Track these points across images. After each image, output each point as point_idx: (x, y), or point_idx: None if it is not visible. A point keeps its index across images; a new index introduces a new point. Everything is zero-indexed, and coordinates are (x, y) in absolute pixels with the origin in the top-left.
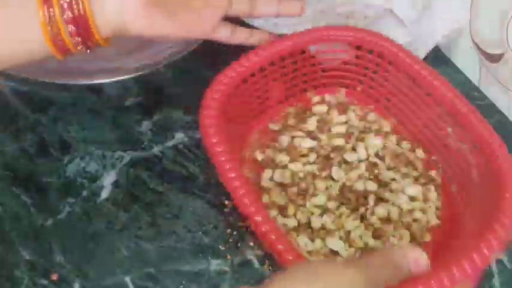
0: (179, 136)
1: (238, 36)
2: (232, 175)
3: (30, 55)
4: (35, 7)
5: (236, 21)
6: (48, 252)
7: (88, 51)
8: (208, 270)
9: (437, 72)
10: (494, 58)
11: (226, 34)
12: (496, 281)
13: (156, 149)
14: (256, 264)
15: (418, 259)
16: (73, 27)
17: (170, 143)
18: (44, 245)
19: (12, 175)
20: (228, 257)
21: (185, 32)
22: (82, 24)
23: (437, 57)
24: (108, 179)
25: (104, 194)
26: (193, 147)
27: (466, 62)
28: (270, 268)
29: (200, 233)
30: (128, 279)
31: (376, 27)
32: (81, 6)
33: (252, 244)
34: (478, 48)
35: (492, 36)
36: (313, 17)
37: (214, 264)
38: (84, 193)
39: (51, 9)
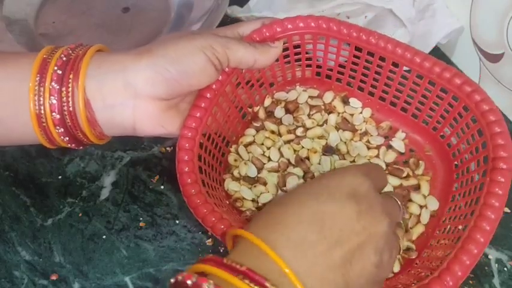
0: None
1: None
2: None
3: (19, 141)
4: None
5: (238, 22)
6: (48, 252)
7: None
8: None
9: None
10: (494, 58)
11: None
12: (496, 281)
13: (156, 149)
14: None
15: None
16: (61, 129)
17: (170, 143)
18: (43, 245)
19: (12, 175)
20: None
21: None
22: (73, 126)
23: (437, 57)
24: (108, 179)
25: (104, 194)
26: None
27: (466, 62)
28: None
29: (200, 233)
30: (127, 279)
31: (376, 27)
32: (71, 106)
33: None
34: (478, 48)
35: (492, 36)
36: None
37: None
38: (84, 193)
39: (41, 105)
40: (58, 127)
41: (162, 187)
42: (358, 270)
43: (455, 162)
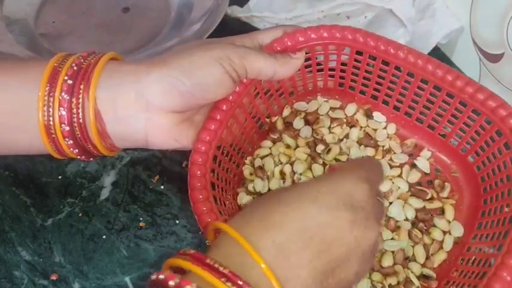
0: None
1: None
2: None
3: (24, 150)
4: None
5: (238, 22)
6: (48, 252)
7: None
8: None
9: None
10: (494, 58)
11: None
12: None
13: (156, 149)
14: None
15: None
16: (70, 141)
17: None
18: (43, 245)
19: (12, 175)
20: None
21: None
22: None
23: (437, 57)
24: (108, 179)
25: (104, 194)
26: None
27: (466, 62)
28: None
29: (200, 233)
30: (127, 279)
31: (376, 27)
32: (81, 120)
33: None
34: (478, 48)
35: (492, 36)
36: (312, 16)
37: None
38: (84, 193)
39: (50, 116)
40: (67, 139)
41: (162, 187)
42: (339, 278)
43: (484, 187)
